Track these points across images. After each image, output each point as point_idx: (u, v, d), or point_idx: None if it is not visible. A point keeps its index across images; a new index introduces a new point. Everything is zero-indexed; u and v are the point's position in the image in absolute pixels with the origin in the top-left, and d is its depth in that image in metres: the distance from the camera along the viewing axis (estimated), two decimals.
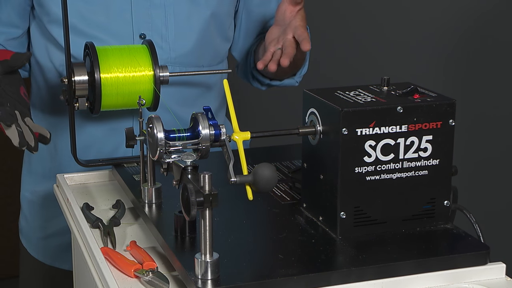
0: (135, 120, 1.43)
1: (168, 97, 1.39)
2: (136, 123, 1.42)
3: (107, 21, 1.37)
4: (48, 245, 1.52)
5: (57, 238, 1.51)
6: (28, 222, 1.54)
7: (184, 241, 1.03)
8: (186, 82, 1.46)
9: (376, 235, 1.05)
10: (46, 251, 1.53)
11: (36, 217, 1.53)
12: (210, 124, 1.04)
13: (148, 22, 1.39)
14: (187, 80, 1.46)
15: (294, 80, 1.55)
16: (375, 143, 1.03)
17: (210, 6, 1.42)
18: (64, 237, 1.49)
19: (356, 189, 1.03)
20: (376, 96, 1.07)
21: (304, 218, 1.11)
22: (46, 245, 1.53)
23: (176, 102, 1.44)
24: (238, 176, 0.97)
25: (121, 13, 1.37)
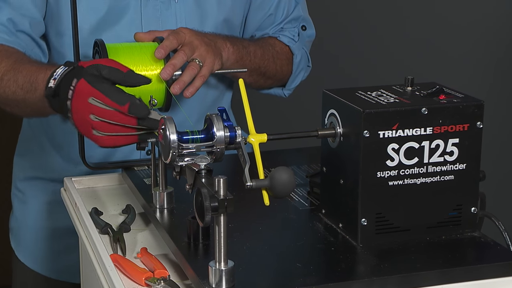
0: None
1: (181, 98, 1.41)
2: None
3: (117, 34, 1.38)
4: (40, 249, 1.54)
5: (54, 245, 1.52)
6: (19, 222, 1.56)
7: (198, 248, 1.04)
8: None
9: (399, 243, 1.05)
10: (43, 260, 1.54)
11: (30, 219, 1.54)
12: (225, 126, 1.05)
13: (160, 28, 1.40)
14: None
15: (282, 92, 1.58)
16: (398, 146, 1.03)
17: (223, 12, 1.45)
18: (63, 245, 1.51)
19: (378, 194, 1.04)
20: (399, 97, 1.07)
21: (323, 224, 1.11)
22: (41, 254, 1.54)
23: (189, 103, 1.45)
24: (254, 180, 0.98)
25: (131, 25, 1.39)
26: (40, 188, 1.53)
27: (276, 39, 1.53)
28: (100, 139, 1.11)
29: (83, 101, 1.10)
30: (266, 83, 1.53)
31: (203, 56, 1.30)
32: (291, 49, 1.53)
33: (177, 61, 1.27)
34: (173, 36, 1.29)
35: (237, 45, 1.42)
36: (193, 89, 1.28)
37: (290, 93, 1.59)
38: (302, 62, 1.55)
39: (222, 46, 1.38)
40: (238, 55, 1.41)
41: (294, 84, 1.57)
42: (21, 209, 1.56)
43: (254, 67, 1.46)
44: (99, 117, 1.09)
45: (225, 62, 1.38)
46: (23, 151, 1.57)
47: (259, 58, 1.47)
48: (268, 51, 1.50)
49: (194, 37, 1.31)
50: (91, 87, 1.10)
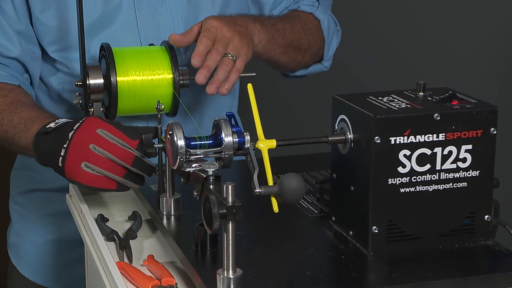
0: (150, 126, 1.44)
1: (188, 102, 1.41)
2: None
3: (112, 34, 1.38)
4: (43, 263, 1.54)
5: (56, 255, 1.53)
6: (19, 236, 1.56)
7: (205, 256, 1.05)
8: None
9: (410, 251, 1.05)
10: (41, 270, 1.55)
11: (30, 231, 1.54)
12: (234, 131, 1.05)
13: (156, 31, 1.40)
14: None
15: (323, 65, 1.55)
16: (410, 152, 1.03)
17: (216, 7, 1.43)
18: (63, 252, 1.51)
19: (389, 201, 1.04)
20: (411, 102, 1.07)
21: (333, 232, 1.11)
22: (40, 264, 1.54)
23: (196, 107, 1.45)
24: (263, 187, 0.98)
25: (126, 25, 1.39)
26: (40, 200, 1.53)
27: (297, 10, 1.51)
28: (83, 175, 1.13)
29: (89, 131, 1.14)
30: (304, 59, 1.49)
31: (237, 48, 1.28)
32: (314, 15, 1.50)
33: (211, 63, 1.25)
34: (205, 37, 1.27)
35: (266, 25, 1.39)
36: (229, 84, 1.25)
37: (330, 63, 1.55)
38: (331, 27, 1.52)
39: (253, 30, 1.35)
40: (269, 35, 1.39)
41: (331, 52, 1.53)
42: (21, 223, 1.56)
43: (287, 43, 1.43)
44: (99, 148, 1.12)
45: (256, 46, 1.36)
46: (21, 165, 1.57)
47: (289, 33, 1.44)
48: (295, 23, 1.47)
49: (226, 29, 1.28)
50: (102, 121, 1.16)
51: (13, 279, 1.58)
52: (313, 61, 1.54)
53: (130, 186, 1.17)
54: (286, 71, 1.54)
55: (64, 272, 1.53)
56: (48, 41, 1.39)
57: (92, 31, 1.37)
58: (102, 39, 1.36)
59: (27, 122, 1.27)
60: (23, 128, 1.27)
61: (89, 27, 1.36)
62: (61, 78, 1.42)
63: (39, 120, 1.25)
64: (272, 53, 1.42)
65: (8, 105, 1.32)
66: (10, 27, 1.37)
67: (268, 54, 1.42)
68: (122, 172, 1.15)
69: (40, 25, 1.38)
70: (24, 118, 1.28)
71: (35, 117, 1.27)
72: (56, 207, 1.49)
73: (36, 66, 1.42)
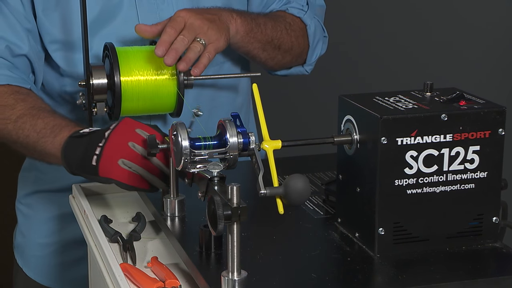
0: None
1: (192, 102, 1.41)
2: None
3: (114, 31, 1.38)
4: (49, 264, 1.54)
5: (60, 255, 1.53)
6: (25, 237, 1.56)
7: (210, 258, 1.05)
8: (212, 85, 1.48)
9: (417, 253, 1.05)
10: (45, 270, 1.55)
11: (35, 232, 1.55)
12: (239, 132, 1.05)
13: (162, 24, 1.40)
14: (213, 83, 1.48)
15: (304, 69, 1.55)
16: (417, 153, 1.03)
17: (218, 3, 1.42)
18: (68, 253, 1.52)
19: (396, 203, 1.04)
20: (418, 103, 1.07)
21: (339, 234, 1.12)
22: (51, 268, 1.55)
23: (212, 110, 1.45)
24: (268, 188, 0.98)
25: (128, 21, 1.39)
26: (46, 201, 1.53)
27: (285, 12, 1.50)
28: (119, 172, 1.14)
29: (128, 130, 1.16)
30: (285, 59, 1.49)
31: (207, 35, 1.27)
32: (302, 19, 1.50)
33: (179, 46, 1.24)
34: (170, 27, 1.26)
35: (244, 17, 1.38)
36: (201, 66, 1.25)
37: (311, 68, 1.55)
38: (317, 32, 1.52)
39: (228, 19, 1.34)
40: (247, 27, 1.38)
41: (314, 58, 1.53)
42: (27, 224, 1.56)
43: (267, 39, 1.42)
44: (138, 146, 1.14)
45: (234, 36, 1.35)
46: (29, 166, 1.57)
47: (271, 29, 1.43)
48: (279, 22, 1.46)
49: (194, 18, 1.28)
50: (140, 122, 1.18)
51: (18, 281, 1.58)
52: (295, 63, 1.53)
53: (161, 187, 1.18)
54: (266, 69, 1.54)
55: (70, 273, 1.54)
56: (50, 40, 1.39)
57: (93, 28, 1.37)
58: (104, 36, 1.36)
59: (54, 128, 1.27)
60: (49, 134, 1.27)
61: (90, 24, 1.36)
62: (63, 79, 1.42)
63: (68, 127, 1.26)
64: (250, 46, 1.41)
65: (29, 110, 1.32)
66: (19, 24, 1.38)
67: (246, 48, 1.41)
68: (156, 174, 1.16)
69: (42, 24, 1.38)
70: (49, 124, 1.28)
71: (63, 124, 1.27)
72: (61, 208, 1.50)
73: (41, 66, 1.42)
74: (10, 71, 1.37)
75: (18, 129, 1.31)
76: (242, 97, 1.55)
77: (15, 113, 1.32)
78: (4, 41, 1.37)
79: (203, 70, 1.26)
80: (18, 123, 1.31)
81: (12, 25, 1.37)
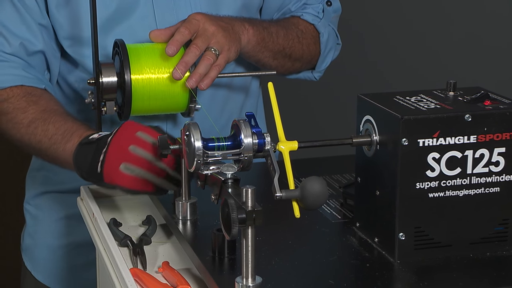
0: (169, 127, 1.45)
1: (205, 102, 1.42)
2: (169, 129, 1.45)
3: (129, 28, 1.40)
4: (58, 267, 1.55)
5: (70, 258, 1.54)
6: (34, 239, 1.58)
7: (223, 263, 1.05)
8: (224, 85, 1.48)
9: (439, 259, 1.05)
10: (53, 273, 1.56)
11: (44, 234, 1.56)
12: (253, 132, 1.06)
13: (174, 24, 1.41)
14: (226, 83, 1.48)
15: (312, 75, 1.57)
16: (439, 155, 1.04)
17: (238, 1, 1.44)
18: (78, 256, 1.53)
19: (417, 207, 1.04)
20: (440, 103, 1.07)
21: (357, 239, 1.12)
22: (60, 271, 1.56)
23: (213, 107, 1.46)
24: (284, 191, 0.99)
25: (144, 17, 1.40)
26: (55, 202, 1.55)
27: (299, 18, 1.52)
28: (121, 177, 1.16)
29: (129, 134, 1.17)
30: (294, 66, 1.52)
31: (220, 43, 1.30)
32: (316, 27, 1.52)
33: (189, 58, 1.27)
34: (184, 27, 1.29)
35: (257, 26, 1.41)
36: (208, 80, 1.28)
37: (320, 75, 1.57)
38: (330, 41, 1.54)
39: (240, 29, 1.37)
40: (259, 37, 1.41)
41: (324, 66, 1.56)
42: (35, 226, 1.58)
43: (278, 48, 1.45)
44: (139, 149, 1.15)
45: (245, 46, 1.38)
46: (37, 166, 1.59)
47: (283, 39, 1.46)
48: (291, 30, 1.49)
49: (209, 23, 1.30)
50: (142, 125, 1.19)
51: (26, 284, 1.60)
52: (304, 68, 1.56)
53: (169, 188, 1.19)
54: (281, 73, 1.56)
55: (81, 276, 1.55)
56: (63, 35, 1.41)
57: (109, 25, 1.38)
58: (119, 33, 1.37)
59: (65, 133, 1.29)
60: (60, 140, 1.29)
61: (105, 20, 1.37)
62: (78, 75, 1.44)
63: (78, 132, 1.28)
64: (260, 55, 1.44)
65: (41, 113, 1.34)
66: (33, 20, 1.39)
67: (257, 57, 1.44)
68: (162, 175, 1.17)
69: (55, 20, 1.40)
70: (60, 129, 1.30)
71: (74, 129, 1.29)
72: (71, 209, 1.51)
73: (55, 63, 1.44)
74: (25, 71, 1.39)
75: (31, 134, 1.34)
76: (253, 99, 1.57)
77: (27, 117, 1.35)
78: (18, 38, 1.39)
79: (211, 84, 1.28)
80: (30, 128, 1.34)
81: (26, 21, 1.39)
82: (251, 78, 1.55)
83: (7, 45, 1.39)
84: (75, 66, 1.44)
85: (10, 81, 1.38)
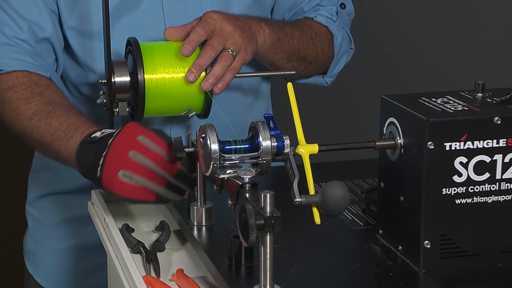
0: (174, 129, 1.46)
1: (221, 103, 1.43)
2: (175, 130, 1.46)
3: (136, 19, 1.40)
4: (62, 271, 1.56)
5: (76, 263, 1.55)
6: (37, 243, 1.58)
7: (240, 271, 1.06)
8: (234, 86, 1.48)
9: (467, 269, 1.05)
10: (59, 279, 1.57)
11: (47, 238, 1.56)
12: (272, 135, 1.06)
13: (183, 17, 1.41)
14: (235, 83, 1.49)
15: (324, 80, 1.57)
16: (467, 160, 1.04)
17: None
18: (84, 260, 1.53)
19: (443, 214, 1.04)
20: (468, 104, 1.07)
21: (380, 246, 1.12)
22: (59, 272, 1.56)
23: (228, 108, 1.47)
24: (304, 196, 0.99)
25: (151, 10, 1.41)
26: (58, 203, 1.55)
27: (312, 20, 1.53)
28: (120, 185, 1.14)
29: (129, 138, 1.16)
30: (307, 70, 1.53)
31: (237, 44, 1.30)
32: (329, 29, 1.53)
33: (204, 60, 1.27)
34: (200, 26, 1.29)
35: (273, 26, 1.41)
36: (223, 84, 1.28)
37: (332, 80, 1.58)
38: (344, 44, 1.55)
39: (257, 29, 1.38)
40: (275, 37, 1.41)
41: (337, 70, 1.56)
42: (38, 228, 1.58)
43: (293, 50, 1.46)
44: (139, 156, 1.13)
45: (261, 46, 1.38)
46: (40, 166, 1.59)
47: (298, 40, 1.46)
48: (306, 32, 1.49)
49: (226, 23, 1.30)
50: (144, 128, 1.17)
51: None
52: (316, 73, 1.56)
53: (171, 198, 1.17)
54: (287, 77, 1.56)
55: (85, 280, 1.55)
56: (69, 25, 1.42)
57: (115, 15, 1.38)
58: (125, 25, 1.38)
59: (68, 129, 1.29)
60: (63, 136, 1.29)
61: (111, 11, 1.37)
62: (79, 70, 1.44)
63: (81, 128, 1.27)
64: (275, 57, 1.44)
65: (45, 106, 1.34)
66: (45, 5, 1.40)
67: (271, 58, 1.44)
68: (163, 184, 1.16)
69: (62, 10, 1.41)
70: (63, 124, 1.30)
71: (76, 125, 1.29)
72: (76, 211, 1.52)
73: (61, 53, 1.45)
74: (32, 58, 1.40)
75: (33, 127, 1.34)
76: (262, 102, 1.57)
77: (30, 108, 1.35)
78: (27, 22, 1.40)
79: (224, 88, 1.29)
80: (33, 121, 1.34)
81: (38, 5, 1.40)
82: (261, 80, 1.56)
83: (17, 29, 1.39)
84: (75, 61, 1.44)
85: (15, 65, 1.38)
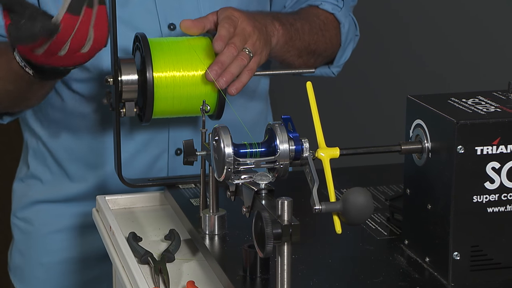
0: (172, 131, 1.46)
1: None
2: (174, 134, 1.47)
3: (126, 14, 1.41)
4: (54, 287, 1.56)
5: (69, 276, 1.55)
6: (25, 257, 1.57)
7: (255, 283, 1.06)
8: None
9: (499, 283, 1.05)
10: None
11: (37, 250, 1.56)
12: (290, 138, 1.07)
13: (177, 9, 1.42)
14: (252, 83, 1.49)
15: (330, 71, 1.58)
16: (499, 165, 1.04)
17: None
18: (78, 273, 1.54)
19: (474, 223, 1.04)
20: (501, 106, 1.08)
21: (406, 258, 1.12)
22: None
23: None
24: (324, 204, 0.99)
25: (143, 2, 1.42)
26: (48, 213, 1.54)
27: (318, 7, 1.55)
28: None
29: None
30: (316, 62, 1.55)
31: (255, 46, 1.33)
32: (336, 17, 1.54)
33: (226, 58, 1.29)
34: (228, 23, 1.31)
35: (285, 25, 1.43)
36: (240, 84, 1.30)
37: (339, 71, 1.60)
38: (350, 32, 1.56)
39: (271, 30, 1.40)
40: (287, 36, 1.43)
41: (344, 59, 1.58)
42: (26, 241, 1.57)
43: (304, 45, 1.48)
44: None
45: (274, 47, 1.41)
46: (25, 173, 1.57)
47: (308, 34, 1.48)
48: (314, 23, 1.51)
49: (246, 23, 1.33)
50: None
51: None
52: (323, 64, 1.58)
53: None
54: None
55: None
56: None
57: None
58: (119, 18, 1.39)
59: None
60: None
61: None
62: (84, 68, 1.45)
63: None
64: (287, 55, 1.46)
65: None
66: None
67: (283, 56, 1.46)
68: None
69: None
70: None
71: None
72: (68, 221, 1.51)
73: None
74: None
75: None
76: (259, 102, 1.58)
77: None
78: None
79: (241, 89, 1.30)
80: None
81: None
82: (259, 79, 1.57)
83: None
84: None
85: None
